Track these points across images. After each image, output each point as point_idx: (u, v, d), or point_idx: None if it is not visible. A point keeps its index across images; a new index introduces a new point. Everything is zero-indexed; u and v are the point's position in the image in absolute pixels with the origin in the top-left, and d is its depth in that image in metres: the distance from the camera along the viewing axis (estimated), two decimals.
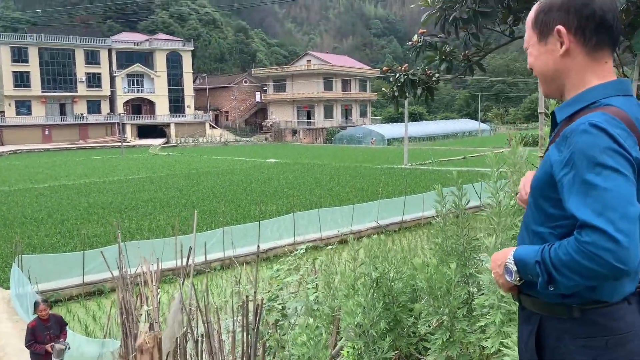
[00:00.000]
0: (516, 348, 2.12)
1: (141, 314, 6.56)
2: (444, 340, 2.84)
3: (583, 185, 1.30)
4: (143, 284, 6.56)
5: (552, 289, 1.36)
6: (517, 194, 1.74)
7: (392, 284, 3.55)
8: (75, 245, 16.69)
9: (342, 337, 3.80)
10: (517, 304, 1.61)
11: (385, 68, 6.61)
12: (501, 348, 2.28)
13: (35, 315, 7.16)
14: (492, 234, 2.57)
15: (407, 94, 6.06)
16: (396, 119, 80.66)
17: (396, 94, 6.17)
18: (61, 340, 7.06)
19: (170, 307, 5.92)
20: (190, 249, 5.29)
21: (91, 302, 13.13)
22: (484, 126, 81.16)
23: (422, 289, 3.00)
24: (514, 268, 1.43)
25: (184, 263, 5.56)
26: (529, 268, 1.39)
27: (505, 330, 2.29)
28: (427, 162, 40.79)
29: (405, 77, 5.86)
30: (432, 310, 2.91)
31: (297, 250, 8.30)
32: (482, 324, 2.53)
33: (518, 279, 1.44)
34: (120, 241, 7.02)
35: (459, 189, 3.20)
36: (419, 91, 6.11)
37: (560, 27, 1.45)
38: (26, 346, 7.04)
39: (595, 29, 1.43)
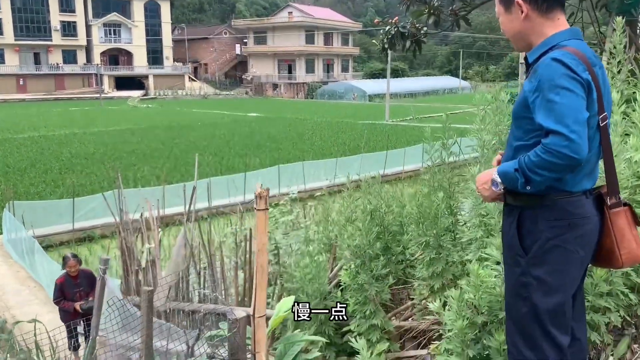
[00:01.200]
0: (494, 257, 2.58)
1: (142, 252, 6.96)
2: (430, 258, 3.29)
3: (547, 103, 1.76)
4: (144, 224, 6.94)
5: (528, 188, 1.83)
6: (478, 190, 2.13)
7: (384, 215, 4.00)
8: (62, 194, 16.86)
9: (337, 263, 4.26)
10: (494, 218, 2.07)
11: (376, 20, 6.90)
12: (482, 259, 2.72)
13: (64, 271, 6.52)
14: (475, 165, 2.99)
15: (396, 46, 6.38)
16: (378, 75, 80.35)
17: (386, 45, 6.48)
18: (90, 299, 6.27)
19: (176, 243, 6.32)
20: (194, 189, 5.63)
21: (82, 247, 13.46)
22: (464, 84, 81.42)
23: (412, 214, 3.43)
24: (499, 180, 1.91)
25: (188, 204, 5.92)
26: (510, 176, 1.86)
27: (485, 240, 2.73)
28: (408, 118, 41.21)
29: (396, 29, 6.17)
30: (421, 233, 3.36)
31: (287, 197, 8.72)
32: (465, 239, 2.97)
33: (502, 187, 1.91)
34: (120, 183, 7.35)
35: (446, 130, 3.59)
36: (407, 43, 6.43)
37: (519, 0, 1.94)
38: (54, 302, 6.58)
39: None
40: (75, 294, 6.39)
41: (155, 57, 76.20)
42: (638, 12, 5.27)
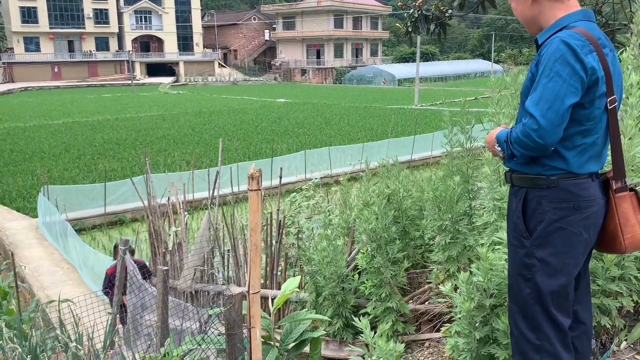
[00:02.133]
0: (506, 240, 2.58)
1: (169, 235, 7.13)
2: (446, 242, 3.30)
3: (538, 84, 1.81)
4: (171, 208, 7.09)
5: (514, 159, 1.91)
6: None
7: (402, 200, 4.01)
8: (94, 178, 17.32)
9: (355, 247, 4.30)
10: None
11: (400, 3, 6.83)
12: (495, 243, 2.72)
13: (115, 261, 6.13)
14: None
15: (420, 30, 6.30)
16: (407, 59, 79.41)
17: (410, 29, 6.41)
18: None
19: (200, 226, 6.45)
20: (218, 173, 5.73)
21: (113, 230, 13.84)
22: (496, 67, 79.67)
23: (429, 199, 3.44)
24: (498, 148, 1.99)
25: (212, 188, 6.03)
26: (502, 145, 1.95)
27: (499, 224, 2.73)
28: (438, 102, 40.68)
29: (419, 12, 6.09)
30: (437, 217, 3.36)
31: (310, 182, 8.77)
32: (480, 223, 2.97)
33: (502, 153, 1.98)
34: (149, 169, 7.52)
35: (464, 114, 3.57)
36: (432, 27, 6.35)
37: None
38: (103, 292, 6.33)
39: None
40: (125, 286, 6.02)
41: (185, 43, 76.91)
42: None
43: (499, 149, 1.97)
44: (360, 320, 2.82)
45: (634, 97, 2.47)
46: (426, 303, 3.69)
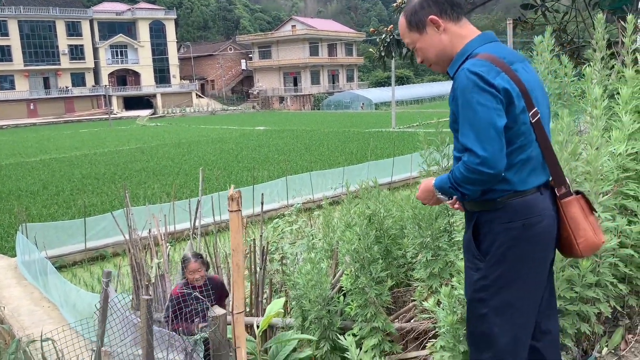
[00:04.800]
0: None
1: (152, 267, 7.06)
2: (427, 259, 3.35)
3: (463, 119, 1.82)
4: (152, 240, 7.05)
5: (467, 198, 1.90)
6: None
7: (383, 219, 4.06)
8: (74, 214, 17.09)
9: (340, 269, 4.32)
10: None
11: (372, 29, 7.00)
12: None
13: (183, 280, 4.50)
14: None
15: (393, 54, 6.47)
16: (383, 83, 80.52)
17: (383, 54, 6.58)
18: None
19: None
20: (199, 202, 5.73)
21: (95, 266, 13.62)
22: None
23: (409, 217, 3.49)
24: (441, 195, 1.99)
25: (194, 218, 6.02)
26: (447, 191, 1.94)
27: None
28: (415, 124, 41.24)
29: (391, 37, 6.26)
30: (417, 234, 3.41)
31: (292, 208, 8.79)
32: (459, 238, 3.02)
33: (447, 199, 2.00)
34: (129, 202, 7.47)
35: (439, 134, 3.66)
36: (404, 51, 6.52)
37: (432, 16, 1.96)
38: (164, 321, 4.36)
39: (451, 6, 1.97)
40: (198, 312, 4.34)
41: (162, 76, 77.10)
42: (630, 8, 5.32)
43: (443, 197, 1.98)
44: (345, 339, 2.83)
45: (598, 109, 2.57)
46: (411, 321, 3.71)
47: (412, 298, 4.05)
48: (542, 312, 2.03)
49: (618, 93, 2.77)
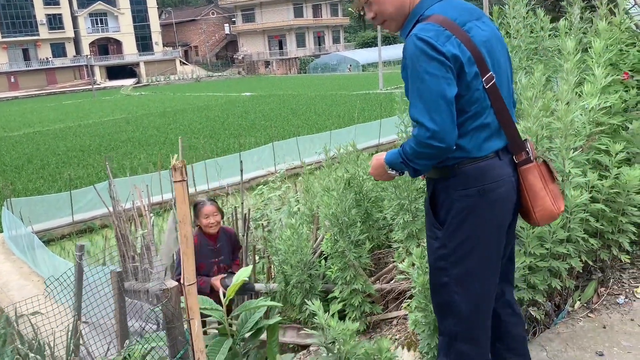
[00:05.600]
0: None
1: (136, 238, 7.05)
2: (405, 220, 3.35)
3: (412, 89, 1.73)
4: (136, 212, 7.01)
5: (418, 174, 1.85)
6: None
7: (363, 182, 4.04)
8: (60, 187, 16.95)
9: (320, 233, 4.32)
10: None
11: None
12: None
13: (196, 228, 4.15)
14: None
15: None
16: (370, 44, 79.46)
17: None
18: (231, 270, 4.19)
19: (167, 226, 6.38)
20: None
21: (83, 239, 13.58)
22: None
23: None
24: (392, 172, 1.90)
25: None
26: (399, 166, 1.86)
27: None
28: (402, 85, 40.98)
29: None
30: (395, 197, 3.40)
31: (276, 175, 8.76)
32: None
33: (399, 174, 1.92)
34: (110, 174, 7.39)
35: None
36: None
37: None
38: (175, 278, 3.93)
39: None
40: (212, 265, 4.07)
41: (144, 43, 75.55)
42: None
43: (394, 172, 1.89)
44: (329, 306, 2.84)
45: (570, 62, 2.53)
46: (392, 282, 3.74)
47: (393, 260, 4.07)
48: (504, 278, 2.00)
49: (592, 47, 2.72)
